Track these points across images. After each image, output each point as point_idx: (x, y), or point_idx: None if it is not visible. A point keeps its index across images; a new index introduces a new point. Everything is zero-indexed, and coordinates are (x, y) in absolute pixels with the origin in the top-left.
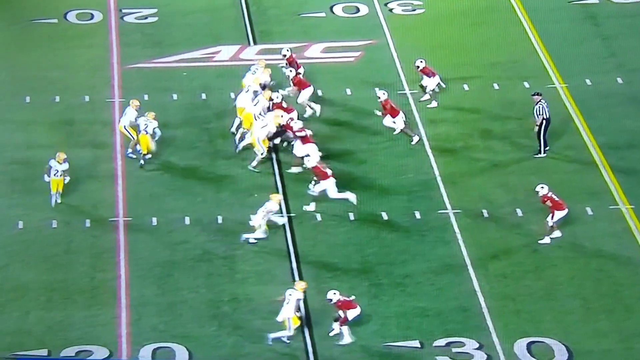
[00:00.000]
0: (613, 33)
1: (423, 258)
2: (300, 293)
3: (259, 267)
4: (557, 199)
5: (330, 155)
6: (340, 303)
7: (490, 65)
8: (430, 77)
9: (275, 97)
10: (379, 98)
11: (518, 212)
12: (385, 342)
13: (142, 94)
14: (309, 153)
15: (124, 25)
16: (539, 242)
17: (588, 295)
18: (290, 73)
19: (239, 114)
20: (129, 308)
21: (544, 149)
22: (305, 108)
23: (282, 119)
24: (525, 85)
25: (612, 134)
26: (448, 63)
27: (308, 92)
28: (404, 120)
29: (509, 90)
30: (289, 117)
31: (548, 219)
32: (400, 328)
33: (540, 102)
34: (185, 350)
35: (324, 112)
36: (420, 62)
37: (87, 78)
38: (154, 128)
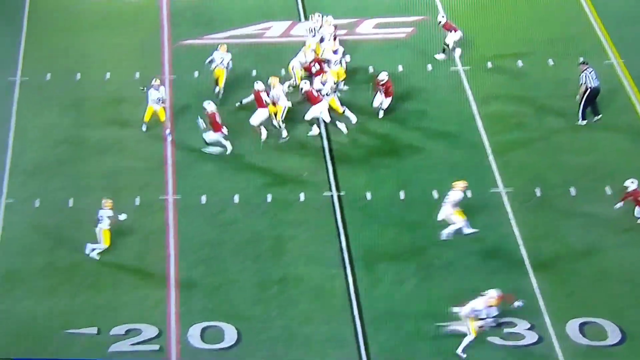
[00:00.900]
0: None
1: (474, 239)
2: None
3: (308, 248)
4: None
5: (378, 134)
6: None
7: (546, 42)
8: (452, 32)
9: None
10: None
11: (572, 191)
12: (437, 322)
13: (192, 71)
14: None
15: (175, 3)
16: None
17: None
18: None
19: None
20: (178, 288)
21: (595, 119)
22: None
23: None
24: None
25: None
26: (501, 39)
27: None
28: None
29: (564, 67)
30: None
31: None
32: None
33: (586, 70)
34: (235, 330)
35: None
36: (442, 17)
37: (137, 56)
38: (229, 61)
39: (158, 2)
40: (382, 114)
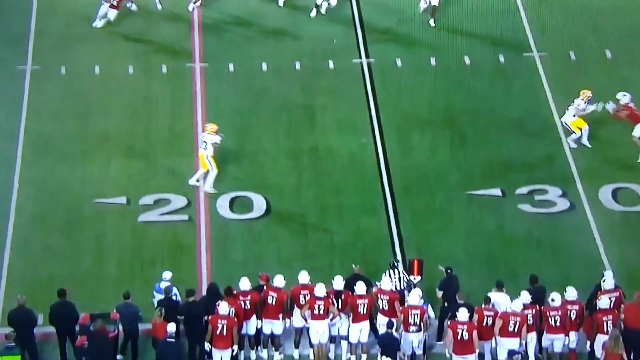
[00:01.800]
0: None
1: (509, 105)
2: None
3: (339, 115)
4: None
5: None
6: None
7: None
8: None
9: None
10: None
11: (607, 54)
12: (468, 190)
13: None
14: None
15: None
16: None
17: None
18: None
19: None
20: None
21: None
22: None
23: None
24: None
25: None
26: None
27: None
28: None
29: None
30: None
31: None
32: (485, 178)
33: None
34: (264, 200)
35: None
36: None
37: None
38: None
39: None
40: None
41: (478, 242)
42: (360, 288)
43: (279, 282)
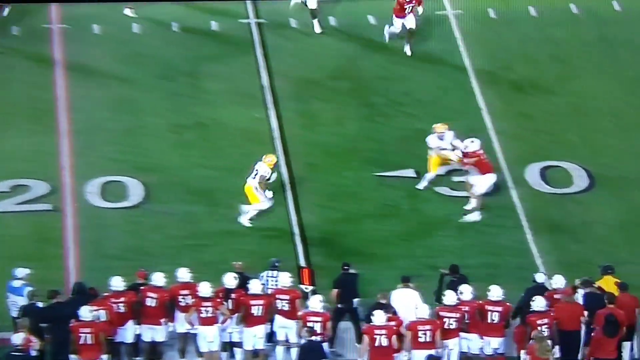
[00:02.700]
0: None
1: (422, 69)
2: None
3: (226, 85)
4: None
5: None
6: None
7: None
8: None
9: None
10: None
11: (531, 11)
12: (378, 172)
13: None
14: None
15: None
16: None
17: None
18: None
19: None
20: (72, 134)
21: None
22: None
23: None
24: None
25: None
26: None
27: None
28: None
29: None
30: None
31: None
32: (399, 154)
33: None
34: (142, 186)
35: None
36: None
37: None
38: None
39: None
40: None
41: (393, 228)
42: (255, 287)
43: (159, 280)
